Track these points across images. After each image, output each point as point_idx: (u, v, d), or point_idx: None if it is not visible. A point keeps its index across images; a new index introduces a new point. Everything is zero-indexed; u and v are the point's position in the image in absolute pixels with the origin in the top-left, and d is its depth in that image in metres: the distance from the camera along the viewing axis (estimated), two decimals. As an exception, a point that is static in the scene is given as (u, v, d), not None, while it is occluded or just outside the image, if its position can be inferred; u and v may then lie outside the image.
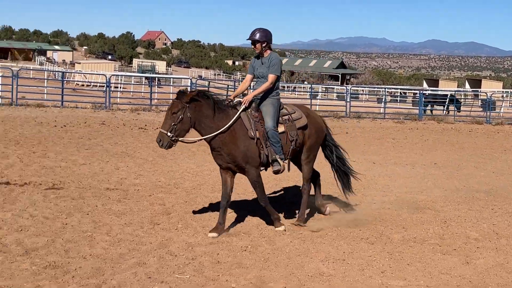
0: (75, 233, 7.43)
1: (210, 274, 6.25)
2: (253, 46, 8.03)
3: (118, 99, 28.64)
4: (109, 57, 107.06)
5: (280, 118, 8.02)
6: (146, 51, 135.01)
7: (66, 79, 36.33)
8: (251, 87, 8.69)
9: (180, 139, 7.59)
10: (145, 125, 19.79)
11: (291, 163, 8.54)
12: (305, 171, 8.51)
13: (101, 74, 35.02)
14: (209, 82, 37.80)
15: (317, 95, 39.06)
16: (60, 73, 38.00)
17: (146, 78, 46.51)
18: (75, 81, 42.24)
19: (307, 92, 46.05)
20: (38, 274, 5.97)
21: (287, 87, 57.06)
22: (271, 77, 7.90)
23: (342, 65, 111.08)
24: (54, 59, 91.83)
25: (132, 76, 50.35)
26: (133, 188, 10.28)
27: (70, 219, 8.04)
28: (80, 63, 68.28)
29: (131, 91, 35.99)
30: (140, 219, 8.31)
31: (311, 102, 30.04)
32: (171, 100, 30.31)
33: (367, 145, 18.43)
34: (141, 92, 36.17)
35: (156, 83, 41.88)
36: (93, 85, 39.17)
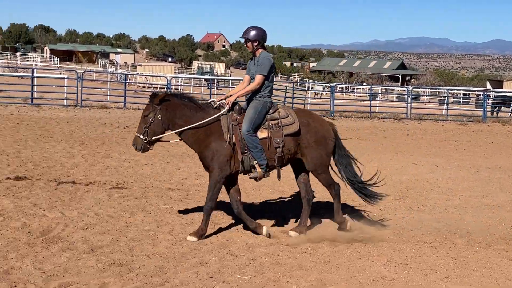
0: (139, 231, 7.59)
1: (271, 275, 6.26)
2: (245, 45, 7.77)
3: (178, 100, 29.05)
4: (169, 59, 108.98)
5: (266, 123, 7.51)
6: (205, 53, 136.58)
7: (128, 81, 37.15)
8: None
9: (153, 138, 7.51)
10: (205, 126, 19.99)
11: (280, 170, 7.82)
12: (322, 182, 7.91)
13: (162, 76, 35.66)
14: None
15: (377, 97, 38.54)
16: (122, 75, 38.90)
17: (205, 80, 47.06)
18: (136, 83, 43.19)
19: (366, 93, 45.55)
20: (103, 271, 6.12)
21: (346, 88, 56.58)
22: (257, 78, 7.48)
23: (402, 66, 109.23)
24: (116, 62, 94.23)
25: (191, 78, 51.09)
26: (194, 188, 10.42)
27: (134, 218, 8.22)
28: (141, 65, 69.69)
29: (190, 93, 36.41)
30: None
31: (370, 103, 29.66)
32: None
33: (429, 148, 18.07)
34: (201, 94, 36.59)
35: (215, 85, 42.29)
36: (154, 87, 39.95)
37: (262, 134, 7.46)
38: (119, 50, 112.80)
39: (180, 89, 37.04)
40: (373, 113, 28.49)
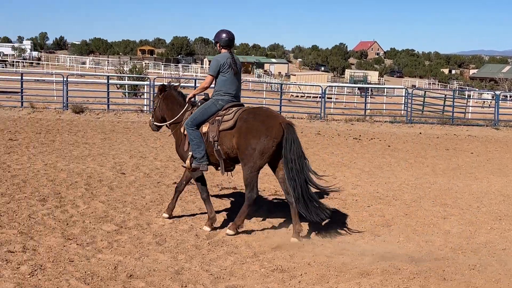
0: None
1: (436, 291, 6.00)
2: None
3: (332, 109, 29.10)
4: (322, 68, 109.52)
5: (212, 118, 7.76)
6: (358, 61, 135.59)
7: (282, 90, 37.92)
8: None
9: (155, 122, 8.57)
10: (359, 136, 19.83)
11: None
12: (243, 177, 7.57)
13: (317, 85, 35.93)
14: (425, 91, 36.66)
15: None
16: (278, 85, 39.76)
17: (359, 88, 46.64)
18: (290, 92, 43.90)
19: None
20: (267, 276, 6.25)
21: (510, 96, 53.08)
22: (206, 78, 8.06)
23: None
24: (270, 72, 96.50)
25: (344, 86, 50.88)
26: (351, 198, 10.33)
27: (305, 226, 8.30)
28: (295, 75, 70.78)
29: (343, 102, 36.33)
30: (360, 229, 8.31)
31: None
32: (383, 111, 29.48)
33: None
34: (354, 102, 36.31)
35: (369, 93, 41.74)
36: (306, 96, 40.42)
37: (204, 128, 7.80)
38: (273, 60, 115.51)
39: (333, 98, 36.99)
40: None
